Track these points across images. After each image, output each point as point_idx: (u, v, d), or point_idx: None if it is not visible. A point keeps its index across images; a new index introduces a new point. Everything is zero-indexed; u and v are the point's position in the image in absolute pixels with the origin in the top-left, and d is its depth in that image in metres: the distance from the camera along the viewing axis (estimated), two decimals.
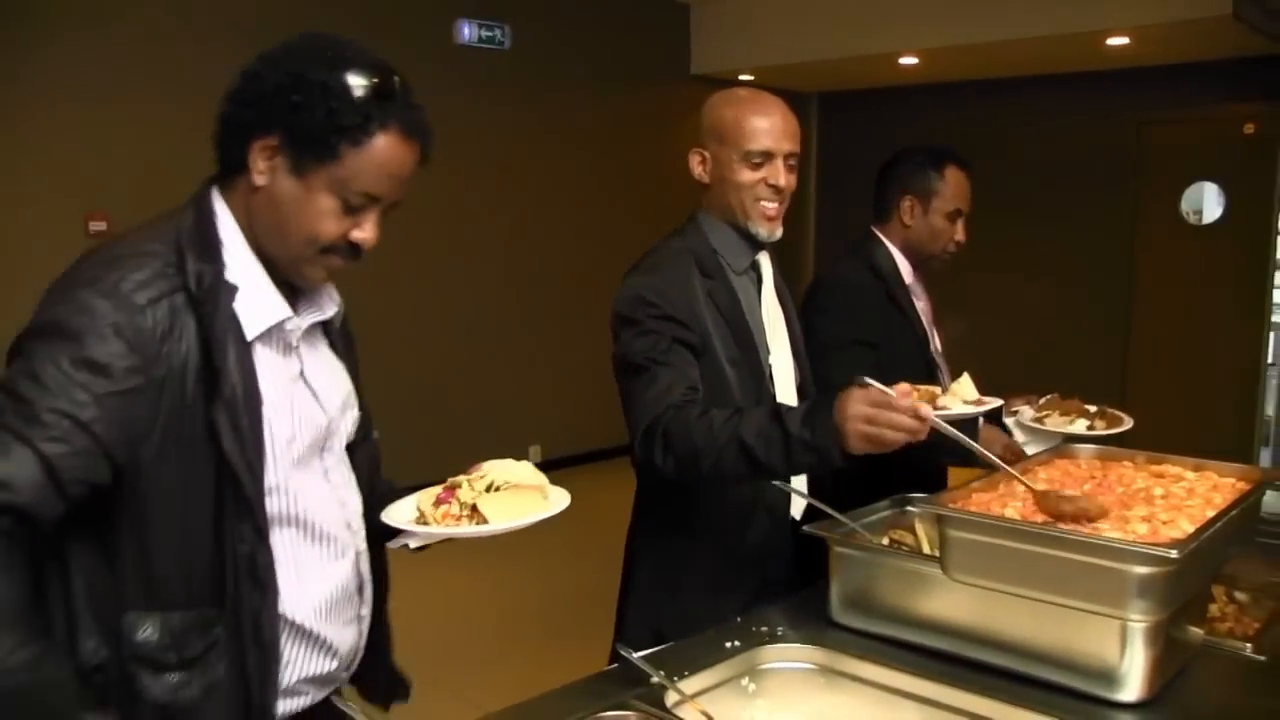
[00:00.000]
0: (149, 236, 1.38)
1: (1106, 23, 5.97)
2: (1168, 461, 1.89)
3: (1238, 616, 1.90)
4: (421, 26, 6.15)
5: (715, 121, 2.05)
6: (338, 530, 1.50)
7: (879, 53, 6.94)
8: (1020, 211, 7.73)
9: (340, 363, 1.57)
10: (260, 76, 1.36)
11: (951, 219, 2.59)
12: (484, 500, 1.47)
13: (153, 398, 1.30)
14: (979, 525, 1.54)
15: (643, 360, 1.91)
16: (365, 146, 1.34)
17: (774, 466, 1.72)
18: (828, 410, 1.64)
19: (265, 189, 1.37)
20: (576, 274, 7.15)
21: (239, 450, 1.34)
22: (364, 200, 1.37)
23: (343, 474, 1.54)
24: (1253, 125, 6.85)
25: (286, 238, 1.39)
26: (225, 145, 1.40)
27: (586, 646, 2.10)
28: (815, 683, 1.68)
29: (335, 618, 1.50)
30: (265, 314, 1.39)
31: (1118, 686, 1.48)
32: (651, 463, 1.82)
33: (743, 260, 2.09)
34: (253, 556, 1.36)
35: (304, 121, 1.33)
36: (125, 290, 1.29)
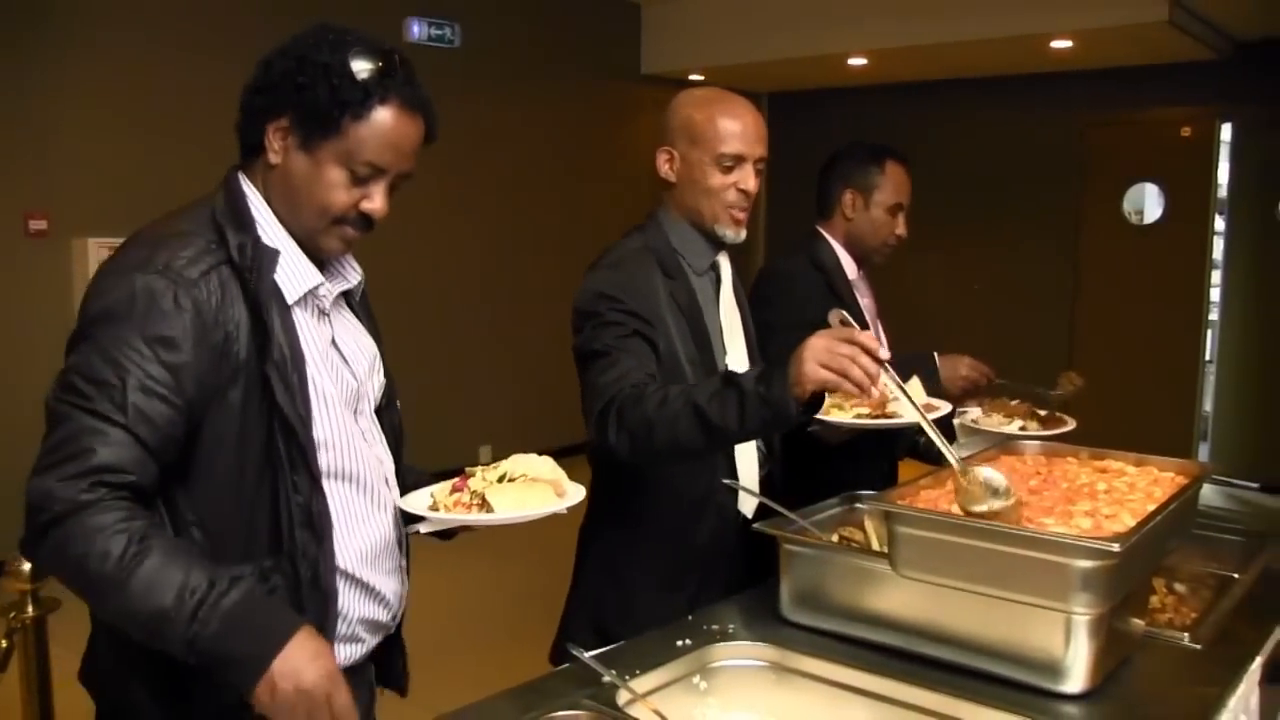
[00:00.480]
0: (184, 220, 1.48)
1: (1050, 26, 6.07)
2: (1110, 457, 1.92)
3: (1177, 607, 1.94)
4: (371, 24, 5.97)
5: (686, 121, 2.04)
6: (378, 485, 1.59)
7: (828, 53, 7.00)
8: (967, 210, 7.84)
9: (364, 330, 1.65)
10: (271, 64, 1.47)
11: (892, 212, 2.62)
12: (493, 490, 1.50)
13: (215, 361, 1.39)
14: (926, 521, 1.56)
15: (603, 348, 1.90)
16: (367, 120, 1.44)
17: (728, 427, 1.69)
18: (783, 366, 1.64)
19: (280, 167, 1.47)
20: (528, 272, 7.13)
21: (291, 403, 1.43)
22: (370, 171, 1.46)
23: (375, 434, 1.62)
24: (1190, 129, 7.00)
25: (301, 211, 1.48)
26: (244, 130, 1.51)
27: (538, 645, 2.09)
28: (767, 680, 1.69)
29: (380, 566, 1.58)
30: (301, 280, 1.49)
31: (1062, 678, 1.50)
32: (605, 442, 1.80)
33: (703, 261, 2.09)
34: (308, 506, 1.45)
35: (310, 100, 1.42)
36: (177, 267, 1.39)
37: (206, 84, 5.54)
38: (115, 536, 1.27)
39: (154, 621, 1.26)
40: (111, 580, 1.27)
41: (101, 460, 1.29)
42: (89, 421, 1.31)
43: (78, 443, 1.30)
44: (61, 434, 1.31)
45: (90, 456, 1.29)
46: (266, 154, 1.47)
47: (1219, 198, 7.10)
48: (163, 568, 1.27)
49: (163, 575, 1.27)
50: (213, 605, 1.26)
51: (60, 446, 1.31)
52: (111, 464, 1.30)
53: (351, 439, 1.53)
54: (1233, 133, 7.01)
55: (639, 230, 2.10)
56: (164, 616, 1.26)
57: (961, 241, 7.91)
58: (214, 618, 1.26)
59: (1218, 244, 7.17)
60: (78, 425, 1.31)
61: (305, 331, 1.49)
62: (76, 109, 5.13)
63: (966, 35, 6.31)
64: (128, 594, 1.26)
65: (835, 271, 2.60)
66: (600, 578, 2.06)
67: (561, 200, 7.32)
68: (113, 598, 1.28)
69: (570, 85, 7.41)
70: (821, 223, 2.67)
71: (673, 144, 2.05)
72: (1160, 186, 7.26)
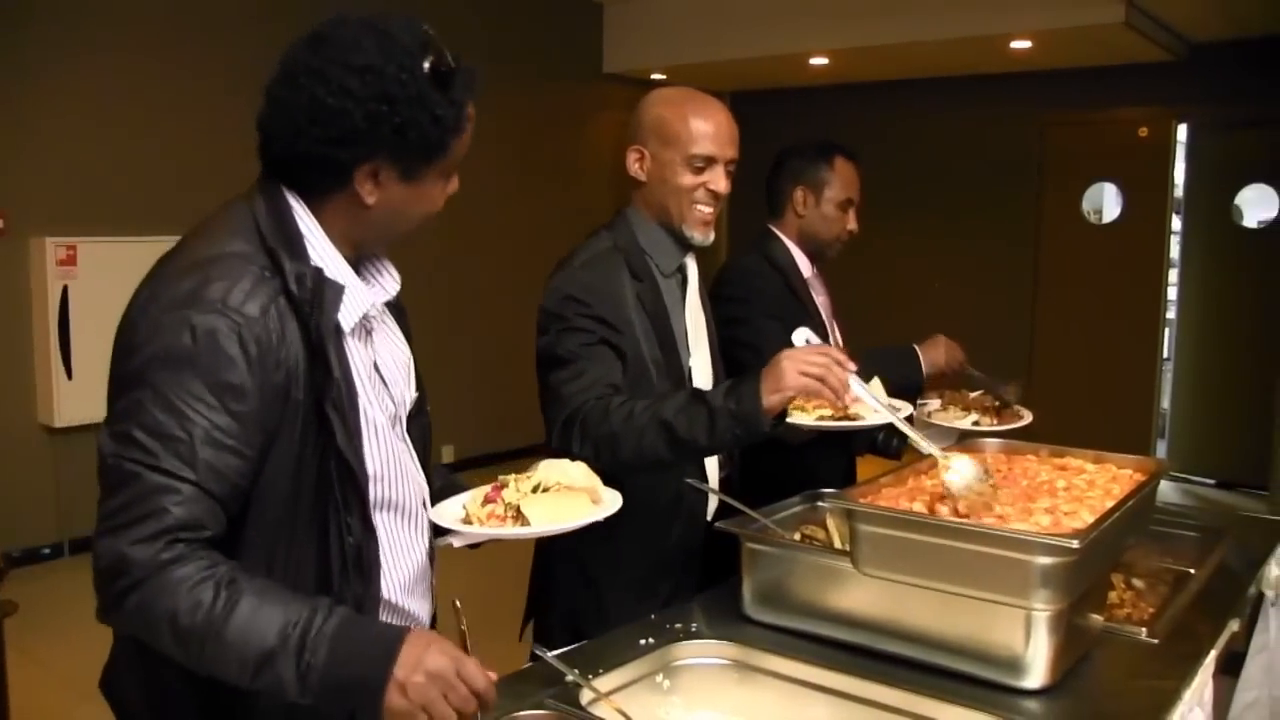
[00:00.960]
0: (228, 236, 1.36)
1: (1009, 26, 6.12)
2: (1069, 454, 1.94)
3: (1135, 602, 1.97)
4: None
5: (658, 121, 2.03)
6: (417, 507, 1.55)
7: (790, 53, 7.01)
8: (928, 209, 7.90)
9: (401, 335, 1.60)
10: (347, 113, 1.31)
11: (843, 208, 2.64)
12: (528, 502, 1.46)
13: (276, 404, 1.32)
14: (887, 519, 1.56)
15: (568, 355, 1.90)
16: (466, 130, 1.40)
17: (696, 441, 1.74)
18: (753, 380, 1.69)
19: (377, 204, 1.39)
20: (490, 272, 7.10)
21: (350, 445, 1.37)
22: (456, 168, 1.45)
23: (408, 452, 1.56)
24: (1146, 129, 7.09)
25: (397, 231, 1.45)
26: (313, 178, 1.38)
27: (499, 646, 2.08)
28: (729, 678, 1.69)
29: (416, 591, 1.55)
30: (357, 308, 1.42)
31: (1022, 674, 1.51)
32: (569, 453, 1.81)
33: (671, 262, 2.08)
34: (360, 548, 1.40)
35: (414, 139, 1.34)
36: (235, 303, 1.29)
37: (169, 84, 5.49)
38: (201, 586, 1.22)
39: (261, 663, 1.22)
40: (205, 631, 1.22)
41: (174, 520, 1.23)
42: (157, 479, 1.24)
43: (149, 503, 1.23)
44: (129, 494, 1.24)
45: (164, 516, 1.23)
46: (356, 194, 1.37)
47: (1176, 197, 7.20)
48: (259, 608, 1.22)
49: (260, 616, 1.22)
50: (318, 633, 1.22)
51: (129, 507, 1.23)
52: (186, 522, 1.24)
53: (399, 466, 1.49)
54: (1188, 133, 7.11)
55: (607, 230, 2.09)
56: (271, 656, 1.21)
57: (922, 240, 7.96)
58: (322, 645, 1.21)
59: (1174, 243, 7.27)
60: (146, 484, 1.24)
61: (355, 360, 1.43)
62: (35, 107, 5.04)
63: (927, 35, 6.35)
64: (226, 642, 1.22)
65: (790, 270, 2.61)
66: (573, 582, 2.05)
67: (522, 200, 7.29)
68: (210, 647, 1.22)
69: (532, 84, 7.38)
70: (773, 221, 2.69)
71: (643, 143, 2.04)
72: (1118, 186, 7.35)
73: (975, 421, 2.53)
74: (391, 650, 1.22)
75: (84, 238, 5.15)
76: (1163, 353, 7.28)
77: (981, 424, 2.52)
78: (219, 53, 5.58)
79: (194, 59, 5.54)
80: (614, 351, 1.93)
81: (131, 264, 6.01)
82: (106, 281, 5.14)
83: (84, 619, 1.38)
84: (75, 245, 5.13)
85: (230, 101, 5.72)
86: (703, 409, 1.72)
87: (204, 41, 5.56)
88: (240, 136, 5.45)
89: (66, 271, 5.11)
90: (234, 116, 5.73)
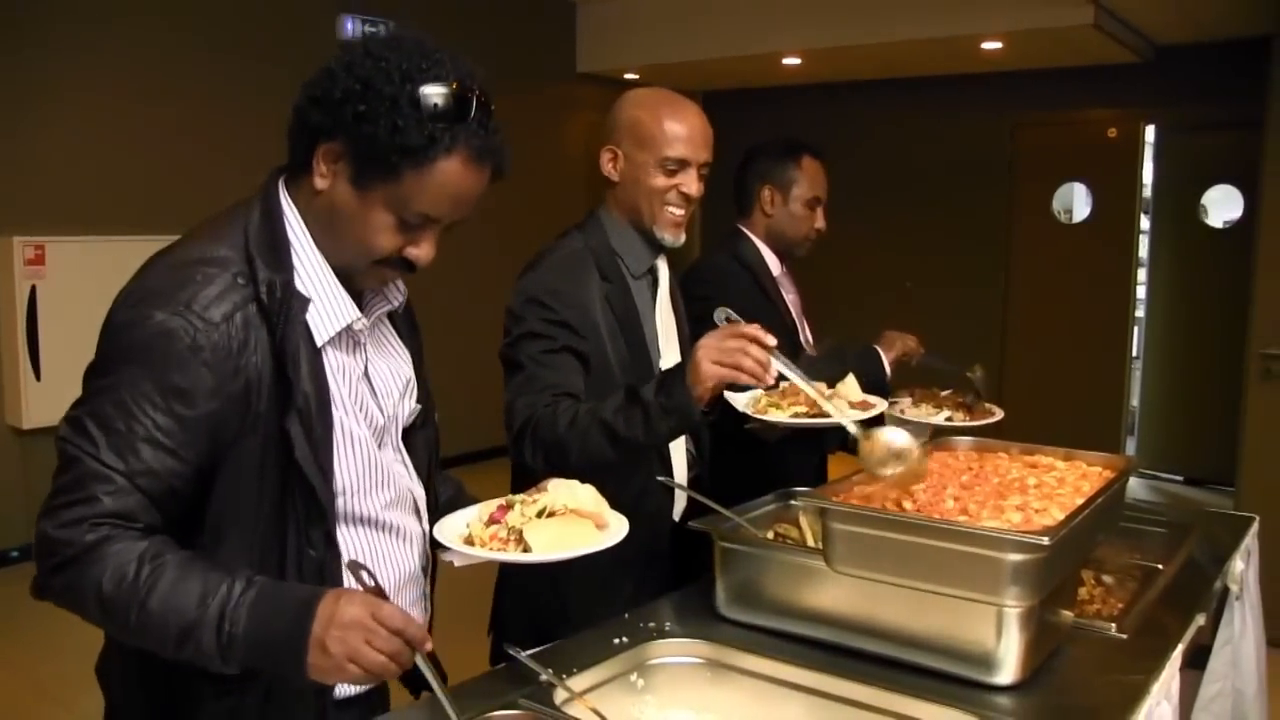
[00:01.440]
0: (216, 239, 1.37)
1: (980, 28, 6.16)
2: (1040, 452, 1.95)
3: (1104, 598, 1.98)
4: (305, 21, 6.00)
5: (633, 122, 2.03)
6: (402, 518, 1.53)
7: (763, 53, 7.03)
8: (900, 208, 7.95)
9: (404, 349, 1.58)
10: (334, 77, 1.32)
11: (810, 206, 2.66)
12: (531, 527, 1.44)
13: (231, 411, 1.32)
14: (860, 518, 1.56)
15: (525, 361, 1.90)
16: (427, 169, 1.31)
17: (635, 438, 1.75)
18: (680, 373, 1.70)
19: (325, 194, 1.36)
20: (458, 273, 7.06)
21: (312, 457, 1.35)
22: (421, 220, 1.35)
23: (400, 463, 1.55)
24: (1115, 130, 7.15)
25: (340, 245, 1.38)
26: (294, 139, 1.38)
27: (465, 646, 2.07)
28: (703, 677, 1.69)
29: (402, 599, 1.53)
30: (334, 319, 1.40)
31: (994, 670, 1.52)
32: (524, 462, 1.84)
33: (642, 264, 2.08)
34: (321, 563, 1.39)
35: (367, 134, 1.29)
36: (198, 309, 1.30)
37: (139, 84, 5.44)
38: (127, 561, 1.25)
39: (183, 635, 1.24)
40: (129, 601, 1.25)
41: (107, 508, 1.26)
42: (94, 467, 1.27)
43: (84, 489, 1.27)
44: (69, 477, 1.28)
45: (95, 504, 1.26)
46: (313, 176, 1.35)
47: (1144, 197, 7.27)
48: (180, 580, 1.25)
49: (181, 587, 1.25)
50: (236, 603, 1.24)
51: (67, 490, 1.28)
52: (118, 512, 1.27)
53: (378, 478, 1.48)
54: (1156, 134, 7.18)
55: (578, 230, 2.09)
56: (191, 627, 1.24)
57: (894, 239, 8.01)
58: (241, 614, 1.24)
59: (1143, 242, 7.34)
60: (86, 471, 1.27)
61: (335, 370, 1.41)
62: (2, 107, 4.99)
63: (899, 36, 6.38)
64: (148, 611, 1.24)
65: (759, 269, 2.62)
66: (536, 581, 2.04)
67: (495, 199, 7.24)
68: (135, 618, 1.25)
69: (505, 84, 7.22)
70: (742, 220, 2.70)
71: (617, 143, 2.04)
72: (1088, 186, 7.41)
73: (949, 417, 2.54)
74: (308, 610, 1.23)
75: (52, 237, 5.10)
76: (1132, 351, 7.35)
77: (955, 420, 2.54)
78: (189, 55, 5.54)
79: (164, 60, 5.50)
80: (575, 357, 1.93)
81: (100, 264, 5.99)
82: (75, 281, 5.10)
83: (53, 622, 1.37)
84: (44, 245, 5.08)
85: (201, 103, 5.70)
86: (637, 407, 1.73)
87: (175, 44, 5.52)
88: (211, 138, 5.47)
89: (35, 271, 5.06)
90: (205, 118, 5.72)
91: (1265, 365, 4.41)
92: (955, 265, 7.79)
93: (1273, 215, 4.41)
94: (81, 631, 1.39)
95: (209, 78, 5.64)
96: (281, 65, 6.21)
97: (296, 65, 1.43)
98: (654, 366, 2.06)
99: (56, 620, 1.39)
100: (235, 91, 5.68)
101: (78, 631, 1.36)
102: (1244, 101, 5.07)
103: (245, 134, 5.68)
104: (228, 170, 5.60)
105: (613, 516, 1.55)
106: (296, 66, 1.41)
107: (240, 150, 5.67)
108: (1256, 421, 4.49)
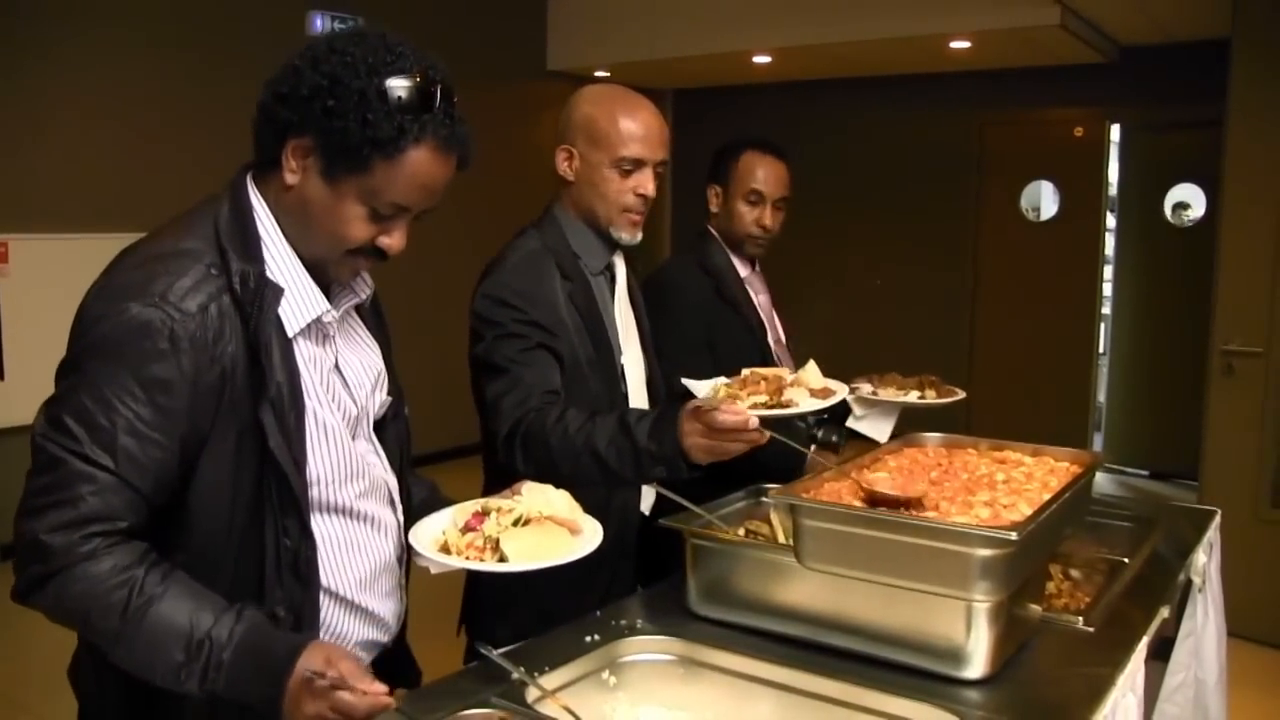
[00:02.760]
0: (186, 233, 1.38)
1: (948, 27, 6.21)
2: (1008, 448, 1.97)
3: (1072, 592, 2.01)
4: (274, 17, 5.95)
5: (587, 121, 2.01)
6: (377, 508, 1.54)
7: (733, 51, 7.04)
8: (869, 206, 7.99)
9: (373, 342, 1.59)
10: (300, 73, 1.34)
11: (750, 202, 2.61)
12: (508, 536, 1.44)
13: (208, 402, 1.33)
14: (830, 514, 1.57)
15: (504, 362, 1.89)
16: (397, 160, 1.33)
17: (626, 476, 1.78)
18: (672, 423, 1.70)
19: (295, 189, 1.37)
20: (427, 272, 7.04)
21: (285, 446, 1.36)
22: (393, 210, 1.38)
23: (374, 454, 1.56)
24: (1082, 129, 7.22)
25: (313, 238, 1.40)
26: (261, 136, 1.40)
27: (439, 644, 2.07)
28: (675, 674, 1.70)
29: (377, 590, 1.55)
30: (305, 310, 1.41)
31: (963, 664, 1.54)
32: (514, 468, 1.83)
33: (599, 262, 2.08)
34: (296, 552, 1.40)
35: (338, 129, 1.31)
36: (174, 298, 1.30)
37: (105, 82, 5.38)
38: (116, 590, 1.26)
39: (171, 675, 1.28)
40: (117, 635, 1.27)
41: (92, 509, 1.26)
42: (78, 466, 1.27)
43: (68, 489, 1.26)
44: (51, 477, 1.28)
45: (79, 504, 1.26)
46: (283, 172, 1.37)
47: (1110, 195, 7.35)
48: (169, 618, 1.27)
49: (169, 628, 1.27)
50: (217, 665, 1.27)
51: (49, 490, 1.27)
52: (102, 512, 1.27)
53: (353, 468, 1.49)
54: (1121, 133, 7.26)
55: (534, 229, 2.08)
56: (177, 671, 1.27)
57: (864, 236, 8.05)
58: (221, 676, 1.28)
59: (1109, 240, 7.42)
60: (68, 470, 1.27)
61: (306, 361, 1.43)
62: None
63: (869, 35, 6.41)
64: (136, 648, 1.28)
65: (725, 272, 2.60)
66: (508, 579, 2.04)
67: (465, 198, 7.22)
68: (123, 649, 1.28)
69: (475, 82, 7.24)
70: (709, 221, 2.69)
71: (572, 142, 2.03)
72: (1055, 184, 7.48)
73: (920, 395, 2.51)
74: (280, 678, 1.28)
75: (16, 234, 5.03)
76: (1098, 347, 7.43)
77: (927, 397, 2.51)
78: (156, 52, 5.48)
79: (130, 58, 5.44)
80: (551, 355, 1.93)
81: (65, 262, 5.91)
82: (39, 280, 5.03)
83: (18, 627, 1.36)
84: (7, 242, 5.01)
85: (167, 100, 5.65)
86: (629, 446, 1.74)
87: (141, 41, 5.46)
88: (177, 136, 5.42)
89: None
90: (171, 115, 5.66)
91: (1226, 361, 4.47)
92: (924, 263, 7.84)
93: (1233, 214, 4.48)
94: (47, 637, 1.38)
95: (175, 75, 5.58)
96: (249, 62, 6.18)
97: (264, 62, 1.42)
98: (616, 362, 2.06)
99: (21, 625, 1.37)
100: (201, 89, 5.63)
101: (43, 637, 1.35)
102: (1206, 102, 5.13)
103: (211, 131, 5.63)
104: (193, 167, 5.56)
105: (587, 522, 1.55)
106: (264, 64, 1.40)
107: (206, 147, 5.62)
108: (1218, 417, 4.55)
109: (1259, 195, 4.38)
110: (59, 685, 1.50)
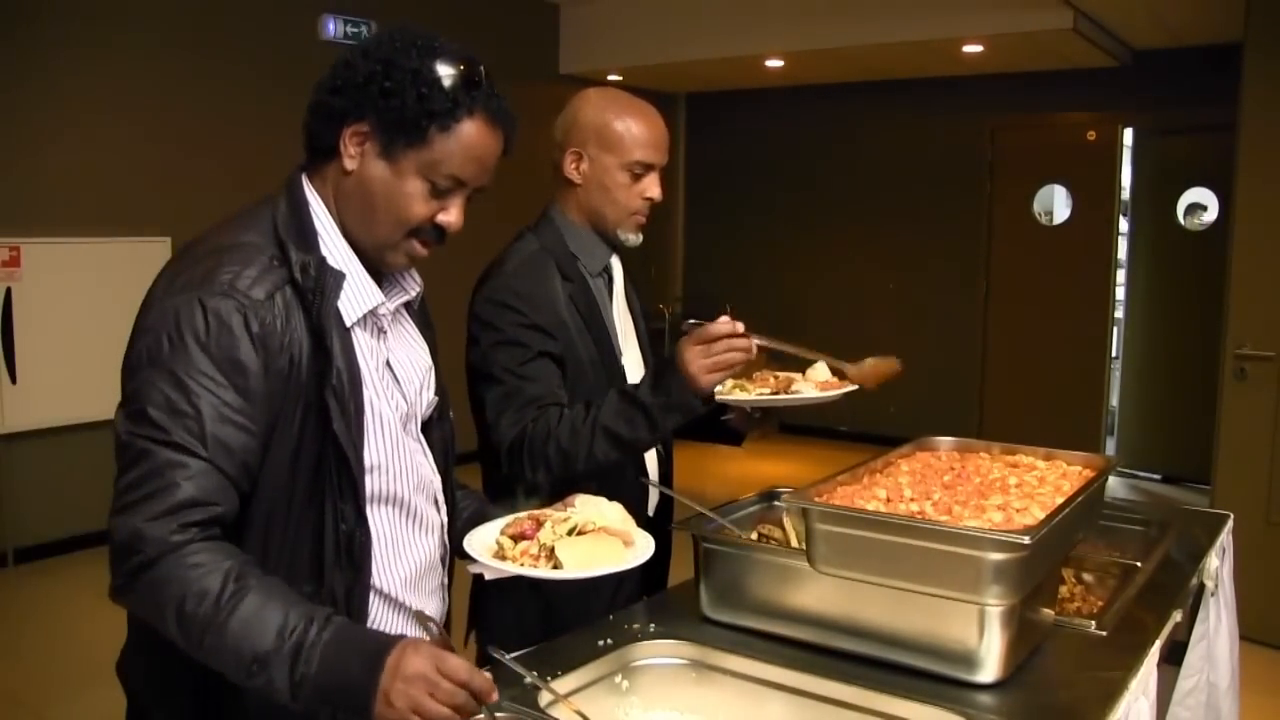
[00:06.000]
0: (244, 229, 1.42)
1: (961, 31, 6.21)
2: (1021, 452, 1.97)
3: (1084, 596, 2.00)
4: (287, 21, 5.97)
5: (598, 124, 2.02)
6: (424, 505, 1.56)
7: (746, 55, 7.05)
8: (882, 210, 7.98)
9: (421, 340, 1.62)
10: (353, 65, 1.40)
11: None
12: (563, 545, 1.46)
13: (279, 387, 1.36)
14: (843, 518, 1.57)
15: (501, 373, 1.89)
16: (453, 131, 1.40)
17: (641, 438, 1.81)
18: (672, 369, 1.75)
19: (356, 173, 1.42)
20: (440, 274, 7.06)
21: (346, 431, 1.39)
22: (451, 184, 1.43)
23: (422, 453, 1.58)
24: (1094, 132, 7.21)
25: (375, 221, 1.44)
26: (316, 132, 1.44)
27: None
28: (687, 677, 1.70)
29: (421, 588, 1.57)
30: (361, 301, 1.45)
31: (976, 668, 1.54)
32: (523, 477, 1.84)
33: (598, 263, 2.09)
34: (351, 536, 1.42)
35: (395, 107, 1.37)
36: (243, 287, 1.34)
37: (118, 83, 5.40)
38: (211, 575, 1.26)
39: (257, 663, 1.25)
40: (209, 620, 1.25)
41: (186, 495, 1.27)
42: (168, 455, 1.28)
43: (160, 478, 1.27)
44: (141, 470, 1.28)
45: (175, 491, 1.27)
46: (341, 159, 1.42)
47: (1122, 199, 7.33)
48: (261, 607, 1.25)
49: (262, 615, 1.25)
50: (313, 643, 1.25)
51: (141, 483, 1.28)
52: (197, 498, 1.28)
53: (401, 461, 1.51)
54: (1133, 137, 7.24)
55: (532, 231, 2.09)
56: (266, 658, 1.24)
57: (876, 240, 8.04)
58: (315, 656, 1.24)
59: (1122, 244, 7.39)
60: (158, 460, 1.28)
61: (363, 352, 1.46)
62: None
63: (881, 39, 6.42)
64: (226, 634, 1.25)
65: None
66: (517, 583, 2.04)
67: (476, 199, 7.25)
68: (210, 638, 1.25)
69: None
70: None
71: (582, 145, 2.04)
72: (1068, 188, 7.46)
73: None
74: (377, 662, 1.24)
75: (28, 239, 5.06)
76: (1111, 351, 7.40)
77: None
78: (168, 56, 5.50)
79: (142, 62, 5.46)
80: (552, 361, 1.94)
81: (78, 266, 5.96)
82: (52, 283, 5.05)
83: (29, 631, 1.36)
84: (19, 246, 5.03)
85: (179, 105, 5.67)
86: (637, 410, 1.78)
87: (153, 45, 5.48)
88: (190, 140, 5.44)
89: (10, 273, 5.00)
90: (184, 118, 5.68)
91: (1239, 365, 4.45)
92: (936, 267, 7.83)
93: (1246, 218, 4.46)
94: (51, 639, 1.38)
95: (188, 78, 5.60)
96: (261, 66, 6.21)
97: (277, 65, 1.45)
98: (618, 363, 2.06)
99: (27, 627, 1.38)
100: (214, 92, 5.66)
101: (47, 639, 1.35)
102: (1218, 106, 5.11)
103: (224, 135, 5.66)
104: (206, 171, 5.59)
105: (639, 534, 1.57)
106: (277, 66, 1.43)
107: (220, 151, 5.65)
108: (1231, 421, 4.53)
109: (1271, 199, 4.36)
110: (63, 687, 1.50)
